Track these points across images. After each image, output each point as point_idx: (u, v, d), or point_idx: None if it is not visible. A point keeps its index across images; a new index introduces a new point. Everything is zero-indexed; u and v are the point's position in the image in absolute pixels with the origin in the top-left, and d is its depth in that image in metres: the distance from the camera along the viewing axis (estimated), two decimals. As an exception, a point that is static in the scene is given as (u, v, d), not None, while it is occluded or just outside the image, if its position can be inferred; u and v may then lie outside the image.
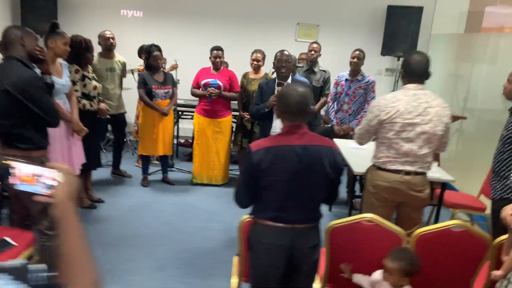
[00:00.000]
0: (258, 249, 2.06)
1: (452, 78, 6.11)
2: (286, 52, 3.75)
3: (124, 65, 4.84)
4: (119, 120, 4.88)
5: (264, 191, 2.00)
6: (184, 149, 6.40)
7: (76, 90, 3.81)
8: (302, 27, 6.56)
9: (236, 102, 5.06)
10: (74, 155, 3.61)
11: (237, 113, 5.18)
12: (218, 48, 4.78)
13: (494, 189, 2.83)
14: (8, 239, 2.59)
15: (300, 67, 5.09)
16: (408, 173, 2.74)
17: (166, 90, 4.72)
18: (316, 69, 4.94)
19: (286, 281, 2.10)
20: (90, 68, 4.07)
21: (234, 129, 5.25)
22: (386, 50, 6.02)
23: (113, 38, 4.61)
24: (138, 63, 5.47)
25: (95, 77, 4.08)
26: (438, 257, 2.31)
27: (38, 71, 2.84)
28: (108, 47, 4.59)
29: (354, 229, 2.27)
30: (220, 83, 4.76)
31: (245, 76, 5.11)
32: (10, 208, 2.94)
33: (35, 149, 2.58)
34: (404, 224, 2.91)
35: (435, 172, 3.56)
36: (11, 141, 2.55)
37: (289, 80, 3.68)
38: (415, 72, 2.75)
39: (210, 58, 4.79)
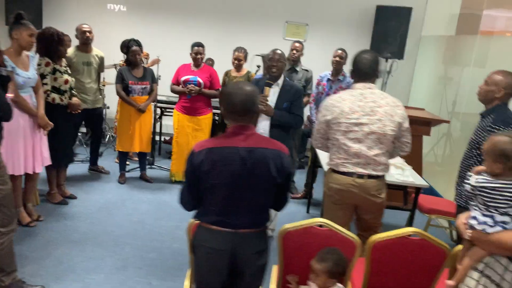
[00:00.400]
0: (200, 253, 1.98)
1: (442, 80, 6.01)
2: (278, 51, 3.52)
3: (102, 59, 4.75)
4: (95, 114, 4.80)
5: (206, 194, 1.91)
6: (167, 147, 6.32)
7: (46, 84, 3.73)
8: (291, 26, 6.46)
9: (217, 99, 4.96)
10: (39, 150, 3.52)
11: (217, 111, 5.09)
12: (199, 44, 4.69)
13: (460, 195, 2.74)
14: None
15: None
16: (361, 176, 2.65)
17: (143, 86, 4.64)
18: (298, 69, 4.85)
19: (230, 286, 2.02)
20: (64, 61, 3.98)
21: (215, 127, 5.17)
22: (374, 51, 5.89)
23: (90, 32, 4.52)
24: (122, 57, 5.38)
25: (68, 71, 3.99)
26: (395, 265, 2.22)
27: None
28: (84, 40, 4.50)
29: (307, 234, 2.18)
30: (201, 80, 4.67)
31: (227, 74, 5.04)
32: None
33: None
34: (362, 228, 2.84)
35: (409, 176, 3.48)
36: None
37: (280, 81, 3.52)
38: (362, 71, 2.69)
39: (190, 54, 4.70)
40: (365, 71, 2.68)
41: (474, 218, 1.84)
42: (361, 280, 2.30)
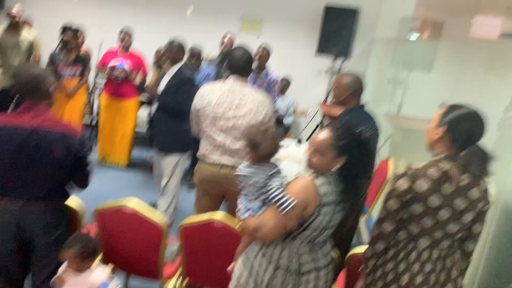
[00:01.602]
0: None
1: (390, 83, 6.01)
2: (168, 42, 3.80)
3: (32, 42, 4.87)
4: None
5: None
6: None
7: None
8: (245, 22, 6.52)
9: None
10: None
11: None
12: (127, 30, 4.84)
13: None
14: None
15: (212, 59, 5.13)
16: (225, 166, 2.73)
17: (74, 69, 4.77)
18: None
19: (22, 258, 2.11)
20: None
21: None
22: (321, 50, 5.94)
23: (18, 13, 4.65)
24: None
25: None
26: (201, 249, 2.30)
27: None
28: (13, 22, 4.64)
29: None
30: (127, 66, 4.79)
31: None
32: None
33: None
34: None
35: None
36: None
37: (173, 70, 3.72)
38: (235, 66, 2.78)
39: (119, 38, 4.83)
40: (237, 67, 2.76)
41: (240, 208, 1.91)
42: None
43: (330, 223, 1.79)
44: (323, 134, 1.77)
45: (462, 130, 1.73)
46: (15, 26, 4.66)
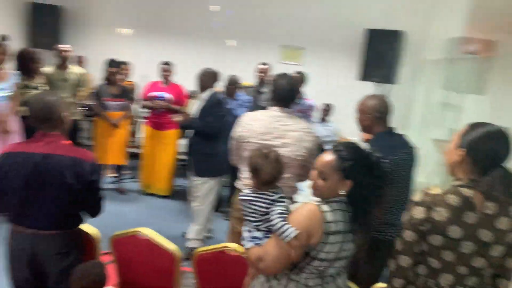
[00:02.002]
0: (8, 252, 2.12)
1: (441, 106, 5.70)
2: (201, 70, 3.99)
3: (80, 76, 5.13)
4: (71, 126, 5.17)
5: (4, 195, 2.05)
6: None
7: (16, 98, 4.18)
8: (287, 50, 6.52)
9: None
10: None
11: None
12: (167, 63, 4.98)
13: None
14: None
15: (250, 87, 5.14)
16: None
17: (118, 103, 4.96)
18: (263, 90, 4.90)
19: (38, 285, 2.13)
20: (41, 78, 4.42)
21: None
22: (364, 75, 5.77)
23: (67, 51, 4.93)
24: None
25: (40, 87, 4.39)
26: (215, 278, 2.21)
27: None
28: (62, 59, 4.92)
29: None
30: (167, 97, 4.91)
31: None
32: None
33: None
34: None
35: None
36: None
37: (205, 95, 3.85)
38: (279, 96, 2.66)
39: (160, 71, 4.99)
40: (282, 96, 2.66)
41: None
42: None
43: (341, 253, 1.64)
44: (327, 156, 1.65)
45: (484, 151, 1.54)
46: (64, 62, 4.94)
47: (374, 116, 2.47)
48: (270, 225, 1.66)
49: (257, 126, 2.62)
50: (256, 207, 1.70)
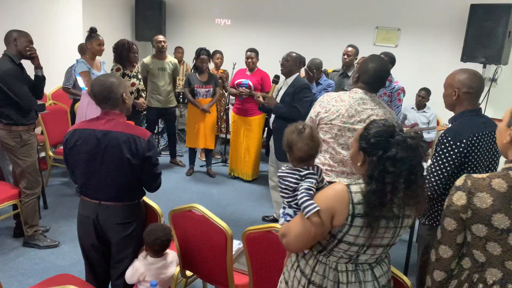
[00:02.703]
0: (77, 219, 2.36)
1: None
2: (288, 54, 3.96)
3: (175, 65, 5.45)
4: (168, 113, 5.53)
5: (73, 168, 2.26)
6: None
7: (115, 86, 4.59)
8: (381, 31, 6.18)
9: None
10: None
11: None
12: (251, 50, 5.06)
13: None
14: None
15: (336, 71, 4.97)
16: None
17: (207, 89, 5.18)
18: (350, 73, 4.71)
19: (104, 251, 2.35)
20: (136, 67, 4.79)
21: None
22: (467, 56, 5.23)
23: (164, 42, 5.27)
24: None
25: (138, 76, 4.77)
26: (264, 255, 2.20)
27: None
28: (159, 49, 5.26)
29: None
30: (251, 83, 4.98)
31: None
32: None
33: (14, 124, 3.33)
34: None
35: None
36: None
37: (290, 79, 3.90)
38: (368, 78, 2.54)
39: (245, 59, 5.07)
40: (371, 79, 2.54)
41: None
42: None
43: (375, 240, 1.51)
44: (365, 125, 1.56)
45: None
46: (160, 52, 5.28)
47: (463, 92, 2.16)
48: (297, 200, 1.60)
49: (343, 108, 2.51)
50: (287, 183, 1.66)
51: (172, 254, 2.42)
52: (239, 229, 2.47)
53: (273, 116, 3.97)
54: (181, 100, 5.78)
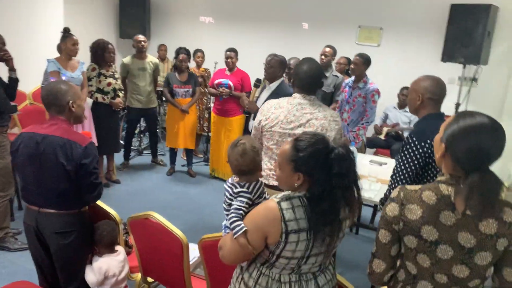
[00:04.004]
0: (24, 229, 2.35)
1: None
2: (269, 58, 3.81)
3: (156, 65, 5.42)
4: (149, 113, 5.50)
5: (16, 172, 2.26)
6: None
7: (91, 85, 4.57)
8: (364, 30, 6.16)
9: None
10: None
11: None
12: (231, 50, 5.04)
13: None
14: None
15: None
16: None
17: (186, 89, 5.16)
18: (328, 74, 4.70)
19: (51, 256, 2.32)
20: (113, 67, 4.77)
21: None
22: (447, 55, 5.23)
23: (144, 41, 5.23)
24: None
25: (115, 76, 4.75)
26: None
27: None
28: (139, 49, 5.22)
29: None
30: (231, 83, 4.97)
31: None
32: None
33: None
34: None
35: (368, 191, 3.17)
36: None
37: (274, 85, 3.71)
38: (302, 82, 2.56)
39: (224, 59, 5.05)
40: (305, 83, 2.56)
41: None
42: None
43: (314, 250, 1.52)
44: (286, 145, 1.55)
45: (461, 148, 1.30)
46: (141, 52, 5.25)
47: (427, 97, 2.24)
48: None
49: (282, 113, 2.53)
50: (224, 197, 1.68)
51: (123, 252, 2.47)
52: (214, 231, 2.40)
53: (252, 120, 3.93)
54: (163, 99, 5.77)
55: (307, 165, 1.47)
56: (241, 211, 1.57)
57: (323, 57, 4.69)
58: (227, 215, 1.68)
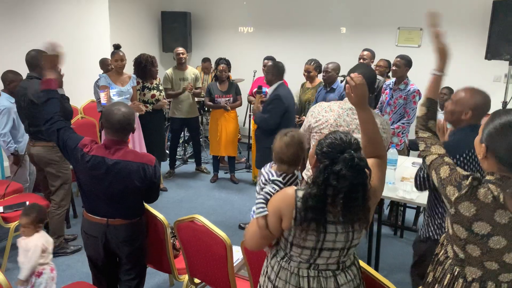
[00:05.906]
0: (83, 237, 2.50)
1: None
2: (269, 63, 4.24)
3: (196, 76, 5.60)
4: (191, 123, 5.68)
5: (82, 188, 2.41)
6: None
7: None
8: (404, 32, 6.09)
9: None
10: (138, 147, 4.57)
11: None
12: (268, 58, 5.17)
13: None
14: (27, 202, 3.65)
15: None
16: None
17: (227, 99, 5.31)
18: (366, 78, 4.68)
19: (113, 265, 2.52)
20: (157, 80, 4.98)
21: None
22: (491, 53, 5.08)
23: (183, 53, 5.42)
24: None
25: (159, 87, 4.95)
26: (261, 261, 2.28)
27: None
28: (179, 61, 5.43)
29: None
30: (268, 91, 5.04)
31: (302, 85, 5.25)
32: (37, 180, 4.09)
33: None
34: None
35: (410, 193, 3.14)
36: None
37: (270, 90, 4.01)
38: None
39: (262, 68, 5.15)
40: None
41: None
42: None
43: (326, 244, 1.56)
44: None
45: (502, 146, 1.31)
46: (181, 63, 5.45)
47: (474, 114, 2.18)
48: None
49: (332, 117, 2.57)
50: (259, 181, 1.79)
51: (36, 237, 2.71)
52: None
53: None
54: (205, 109, 5.93)
55: (320, 151, 1.54)
56: (269, 197, 1.64)
57: (361, 60, 4.70)
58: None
